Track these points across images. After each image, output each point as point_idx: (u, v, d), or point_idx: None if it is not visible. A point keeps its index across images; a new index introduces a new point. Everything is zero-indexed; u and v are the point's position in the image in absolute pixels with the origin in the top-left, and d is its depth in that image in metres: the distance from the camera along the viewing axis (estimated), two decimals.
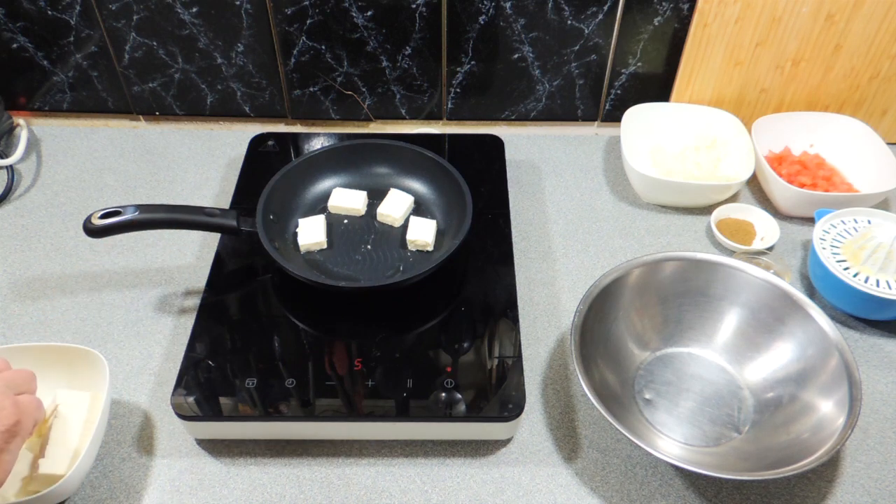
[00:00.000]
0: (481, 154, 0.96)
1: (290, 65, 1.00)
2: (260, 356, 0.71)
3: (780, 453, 0.65)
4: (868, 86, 0.99)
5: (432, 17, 0.94)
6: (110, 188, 0.97)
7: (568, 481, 0.68)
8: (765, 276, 0.75)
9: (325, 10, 0.93)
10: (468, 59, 0.99)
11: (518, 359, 0.71)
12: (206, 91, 1.03)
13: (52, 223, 0.92)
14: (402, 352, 0.72)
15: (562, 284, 0.85)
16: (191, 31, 0.96)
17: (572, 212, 0.95)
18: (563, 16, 0.94)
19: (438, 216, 0.85)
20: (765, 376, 0.73)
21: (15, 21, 0.96)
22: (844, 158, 0.97)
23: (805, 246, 0.90)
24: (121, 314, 0.81)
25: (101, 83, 1.03)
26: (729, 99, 1.02)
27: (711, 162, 0.98)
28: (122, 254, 0.88)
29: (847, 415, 0.64)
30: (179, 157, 1.02)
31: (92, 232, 0.73)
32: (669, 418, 0.72)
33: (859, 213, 0.85)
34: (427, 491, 0.67)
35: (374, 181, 0.88)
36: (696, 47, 0.96)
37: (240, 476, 0.67)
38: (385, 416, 0.67)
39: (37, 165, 1.00)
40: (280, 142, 0.97)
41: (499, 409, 0.67)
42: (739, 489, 0.67)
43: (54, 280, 0.85)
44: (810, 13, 0.91)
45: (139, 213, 0.74)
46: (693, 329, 0.77)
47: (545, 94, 1.03)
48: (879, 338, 0.80)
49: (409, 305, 0.77)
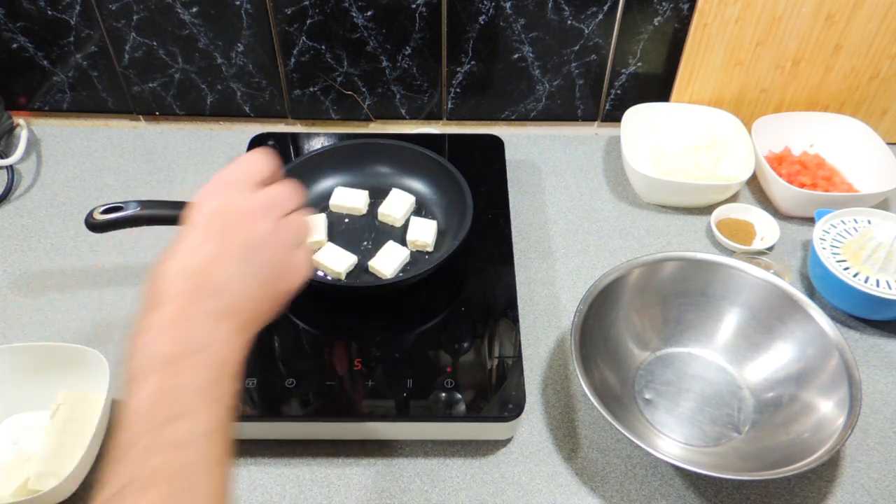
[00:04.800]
0: (481, 154, 0.96)
1: (290, 65, 1.00)
2: (260, 356, 0.71)
3: (780, 453, 0.65)
4: (868, 86, 0.99)
5: (432, 17, 0.94)
6: (110, 188, 0.97)
7: (568, 481, 0.68)
8: (765, 276, 0.75)
9: (325, 10, 0.93)
10: (468, 59, 0.99)
11: (518, 359, 0.71)
12: (206, 91, 1.03)
13: (52, 223, 0.91)
14: (402, 352, 0.72)
15: (562, 284, 0.85)
16: (191, 31, 0.96)
17: (572, 212, 0.95)
18: (563, 16, 0.94)
19: (439, 216, 0.85)
20: (765, 376, 0.73)
21: (15, 21, 0.96)
22: (844, 158, 0.97)
23: (805, 246, 0.90)
24: (121, 314, 0.81)
25: (101, 83, 1.03)
26: (729, 99, 1.02)
27: (711, 162, 0.97)
28: (123, 253, 0.88)
29: (847, 415, 0.64)
30: (179, 157, 1.02)
31: (93, 227, 0.73)
32: (669, 418, 0.72)
33: (859, 213, 0.85)
34: (427, 491, 0.67)
35: (374, 181, 0.88)
36: (696, 47, 0.96)
37: (240, 476, 0.67)
38: (385, 416, 0.67)
39: (37, 165, 1.00)
40: (280, 142, 0.97)
41: (499, 409, 0.67)
42: (739, 489, 0.67)
43: (54, 280, 0.85)
44: (810, 13, 0.91)
45: (141, 209, 0.74)
46: (693, 329, 0.77)
47: (545, 94, 1.03)
48: (879, 338, 0.80)
49: (409, 305, 0.77)
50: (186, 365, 0.42)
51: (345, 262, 0.78)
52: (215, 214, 0.48)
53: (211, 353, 0.43)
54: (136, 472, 0.38)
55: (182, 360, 0.42)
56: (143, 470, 0.38)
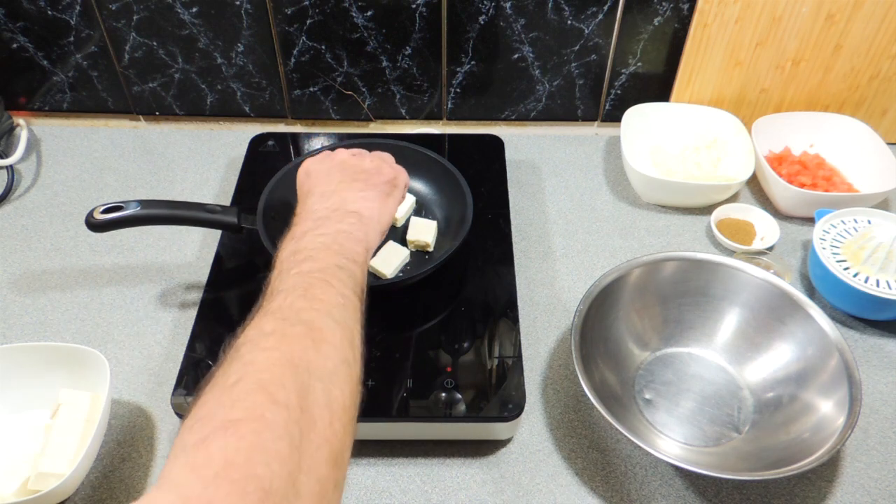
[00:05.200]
0: (481, 154, 0.96)
1: (290, 65, 1.00)
2: None
3: (780, 453, 0.65)
4: (868, 86, 0.99)
5: (432, 17, 0.94)
6: (110, 188, 0.97)
7: (568, 481, 0.68)
8: (765, 276, 0.75)
9: (325, 10, 0.93)
10: (468, 59, 0.99)
11: (518, 359, 0.71)
12: (206, 91, 1.03)
13: (52, 223, 0.92)
14: (402, 352, 0.72)
15: (562, 284, 0.85)
16: (191, 31, 0.96)
17: (572, 212, 0.95)
18: (563, 16, 0.94)
19: (439, 216, 0.85)
20: (765, 376, 0.73)
21: (15, 21, 0.96)
22: (844, 158, 0.97)
23: (805, 246, 0.90)
24: (121, 314, 0.81)
25: (101, 83, 1.03)
26: (729, 99, 1.02)
27: (711, 162, 0.97)
28: (123, 253, 0.88)
29: (847, 415, 0.64)
30: (179, 157, 1.02)
31: (94, 226, 0.73)
32: (669, 418, 0.72)
33: (859, 213, 0.85)
34: (427, 491, 0.67)
35: None
36: (696, 47, 0.96)
37: None
38: (385, 416, 0.67)
39: (37, 165, 1.00)
40: (280, 142, 0.97)
41: (499, 409, 0.67)
42: (739, 489, 0.67)
43: (54, 280, 0.85)
44: (810, 13, 0.91)
45: (141, 209, 0.74)
46: (693, 329, 0.77)
47: (545, 94, 1.03)
48: (879, 338, 0.80)
49: (409, 305, 0.77)
50: (330, 248, 0.53)
51: None
52: (333, 169, 0.64)
53: (350, 243, 0.55)
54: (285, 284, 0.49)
55: (329, 245, 0.54)
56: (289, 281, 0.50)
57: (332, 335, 0.45)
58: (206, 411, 0.38)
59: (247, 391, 0.38)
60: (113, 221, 0.73)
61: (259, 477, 0.34)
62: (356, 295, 0.51)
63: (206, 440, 0.35)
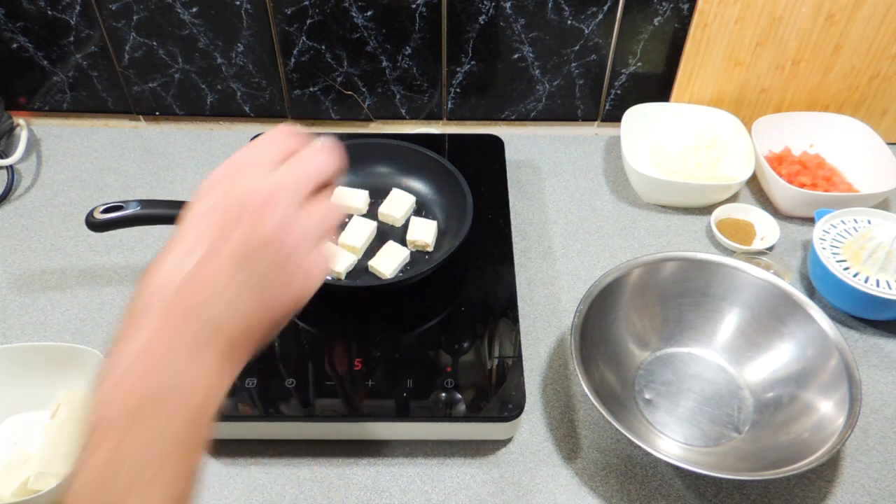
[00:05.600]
0: (481, 154, 0.96)
1: (290, 65, 1.00)
2: (260, 356, 0.71)
3: (780, 453, 0.65)
4: (868, 86, 0.99)
5: (432, 17, 0.94)
6: (110, 188, 0.97)
7: (568, 481, 0.68)
8: (765, 276, 0.75)
9: (325, 10, 0.93)
10: (468, 59, 0.99)
11: (518, 359, 0.71)
12: (206, 91, 1.03)
13: (52, 223, 0.92)
14: (402, 352, 0.72)
15: (562, 284, 0.85)
16: (191, 31, 0.96)
17: (572, 212, 0.95)
18: (563, 16, 0.94)
19: (439, 216, 0.85)
20: (765, 376, 0.73)
21: (15, 21, 0.96)
22: (844, 158, 0.97)
23: (805, 246, 0.90)
24: (121, 314, 0.81)
25: (101, 83, 1.03)
26: (729, 99, 1.02)
27: (711, 162, 0.97)
28: (122, 253, 0.88)
29: (847, 415, 0.64)
30: (179, 157, 1.02)
31: (94, 226, 0.73)
32: (669, 418, 0.72)
33: (859, 213, 0.85)
34: (427, 491, 0.67)
35: (375, 180, 0.88)
36: (696, 47, 0.96)
37: (240, 476, 0.67)
38: (385, 416, 0.67)
39: (37, 165, 1.00)
40: None
41: (499, 409, 0.67)
42: (739, 489, 0.67)
43: (54, 280, 0.85)
44: (810, 13, 0.91)
45: (141, 209, 0.74)
46: (693, 329, 0.77)
47: (545, 94, 1.03)
48: (879, 338, 0.80)
49: (409, 305, 0.77)
50: (144, 427, 0.35)
51: (345, 261, 0.78)
52: (214, 209, 0.40)
53: (183, 398, 0.36)
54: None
55: (141, 420, 0.35)
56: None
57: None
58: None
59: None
60: (113, 221, 0.73)
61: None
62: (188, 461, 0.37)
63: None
